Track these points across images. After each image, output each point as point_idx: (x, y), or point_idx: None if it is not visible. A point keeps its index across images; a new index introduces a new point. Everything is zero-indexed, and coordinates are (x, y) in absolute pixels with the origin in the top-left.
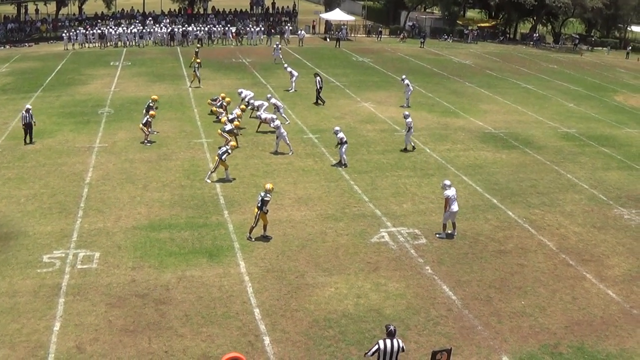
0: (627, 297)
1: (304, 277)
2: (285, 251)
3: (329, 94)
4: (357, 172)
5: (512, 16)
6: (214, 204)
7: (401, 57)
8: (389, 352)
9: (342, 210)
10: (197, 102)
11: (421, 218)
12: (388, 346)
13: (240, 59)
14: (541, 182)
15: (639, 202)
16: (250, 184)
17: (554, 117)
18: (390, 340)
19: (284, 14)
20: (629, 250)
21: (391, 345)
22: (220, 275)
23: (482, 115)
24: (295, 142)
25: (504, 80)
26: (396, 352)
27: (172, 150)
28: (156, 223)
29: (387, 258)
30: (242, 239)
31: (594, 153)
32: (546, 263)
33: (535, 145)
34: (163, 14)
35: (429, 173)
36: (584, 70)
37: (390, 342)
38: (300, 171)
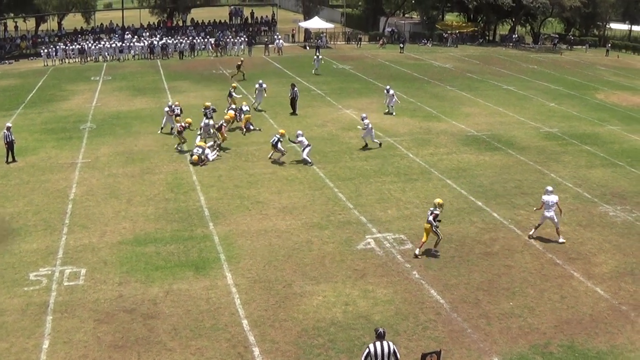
0: (615, 293)
1: (291, 286)
2: (271, 261)
3: (310, 102)
4: (341, 179)
5: (491, 18)
6: (198, 216)
7: (381, 63)
8: (379, 355)
9: (327, 218)
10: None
11: (406, 223)
12: (378, 349)
13: (220, 70)
14: (525, 182)
15: (623, 199)
16: (234, 195)
17: (535, 117)
18: (380, 342)
19: (263, 23)
20: (615, 247)
21: (381, 347)
22: (207, 287)
23: (464, 118)
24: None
25: (484, 83)
26: (387, 354)
27: (155, 164)
28: (141, 237)
29: (373, 264)
30: (228, 250)
31: (577, 151)
32: (533, 263)
33: (518, 146)
34: (142, 28)
35: (413, 178)
36: (564, 69)
37: (380, 345)
38: (284, 180)
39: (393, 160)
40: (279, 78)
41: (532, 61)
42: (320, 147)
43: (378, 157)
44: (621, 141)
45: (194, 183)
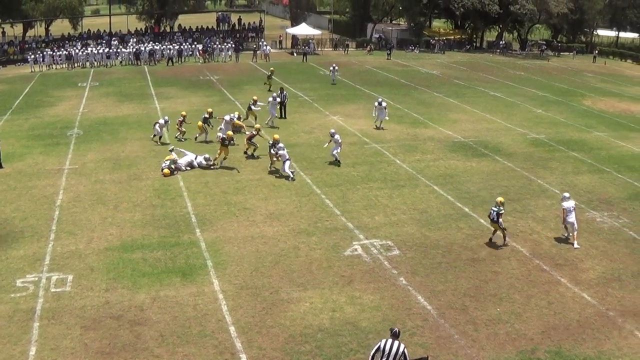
0: (602, 299)
1: (278, 293)
2: (258, 267)
3: (297, 109)
4: (328, 186)
5: (478, 25)
6: (185, 222)
7: (369, 70)
8: (387, 353)
9: (314, 225)
10: None
11: (393, 229)
12: (388, 346)
13: (207, 76)
14: (512, 188)
15: (610, 205)
16: (221, 201)
17: (522, 124)
18: (392, 341)
19: (250, 30)
20: (602, 253)
21: (391, 346)
22: (194, 294)
23: (451, 125)
24: (265, 157)
25: (471, 89)
26: (395, 353)
27: (142, 170)
28: (128, 244)
29: (361, 271)
30: (215, 256)
31: (563, 158)
32: (520, 269)
33: (505, 153)
34: (130, 34)
35: (400, 184)
36: (551, 75)
37: (391, 343)
38: (271, 187)
39: (380, 166)
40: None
41: (519, 68)
42: (307, 154)
43: (365, 164)
44: (608, 147)
45: (181, 189)
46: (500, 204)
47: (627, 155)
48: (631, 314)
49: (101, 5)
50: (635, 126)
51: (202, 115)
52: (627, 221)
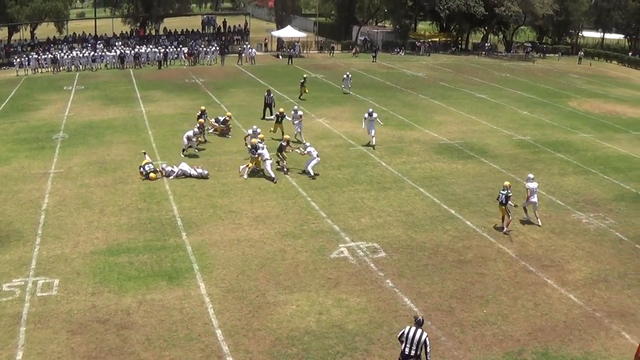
0: (589, 300)
1: (264, 296)
2: (245, 270)
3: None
4: (314, 189)
5: (464, 27)
6: (171, 226)
7: (354, 72)
8: (410, 339)
9: (300, 227)
10: (151, 124)
11: (380, 232)
12: (411, 333)
13: (193, 79)
14: (498, 190)
15: (596, 206)
16: (207, 204)
17: (508, 126)
18: (415, 329)
19: (236, 32)
20: (588, 254)
21: (414, 333)
22: (180, 297)
23: (437, 127)
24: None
25: (457, 91)
26: (418, 341)
27: (128, 174)
28: (114, 247)
29: (347, 273)
30: (201, 260)
31: (549, 159)
32: (506, 271)
33: (491, 154)
34: (115, 37)
35: (386, 187)
36: (536, 77)
37: (414, 331)
38: (257, 189)
39: (366, 169)
40: (252, 87)
41: (504, 69)
42: (292, 157)
43: (351, 166)
44: (594, 149)
45: (167, 192)
46: (507, 188)
47: (613, 156)
48: (618, 315)
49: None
50: (620, 127)
51: (217, 118)
52: (613, 222)
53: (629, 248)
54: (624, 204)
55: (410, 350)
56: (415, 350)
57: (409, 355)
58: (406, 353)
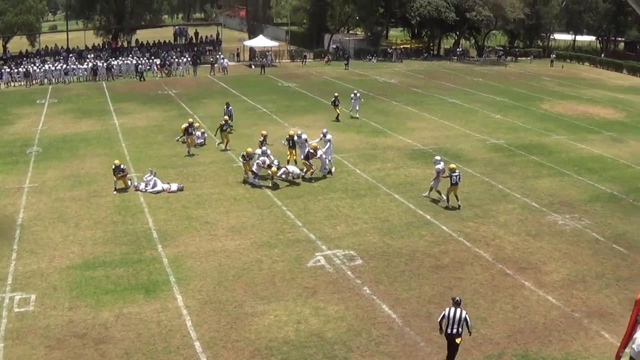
0: (567, 301)
1: (242, 306)
2: (222, 282)
3: (256, 121)
4: (289, 197)
5: (435, 32)
6: (147, 238)
7: (327, 80)
8: (452, 318)
9: (276, 237)
10: (125, 136)
11: (356, 239)
12: (452, 313)
13: (166, 91)
14: (473, 194)
15: (572, 207)
16: (182, 216)
17: (481, 130)
18: (455, 309)
19: (208, 43)
20: (565, 255)
21: (454, 312)
22: (158, 310)
23: (410, 133)
24: (225, 171)
25: (430, 97)
26: (459, 319)
27: (103, 187)
28: (90, 261)
29: (324, 281)
30: (177, 272)
31: (524, 162)
32: (483, 274)
33: (465, 159)
34: (87, 49)
35: (361, 194)
36: (509, 81)
37: (454, 311)
38: (232, 200)
39: (340, 176)
40: (225, 98)
41: (477, 74)
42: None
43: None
44: (568, 150)
45: (142, 205)
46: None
47: (587, 157)
48: (596, 315)
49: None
50: (594, 128)
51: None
52: (589, 222)
53: (606, 248)
54: (600, 204)
55: (452, 329)
56: (457, 328)
57: (451, 334)
58: (449, 332)
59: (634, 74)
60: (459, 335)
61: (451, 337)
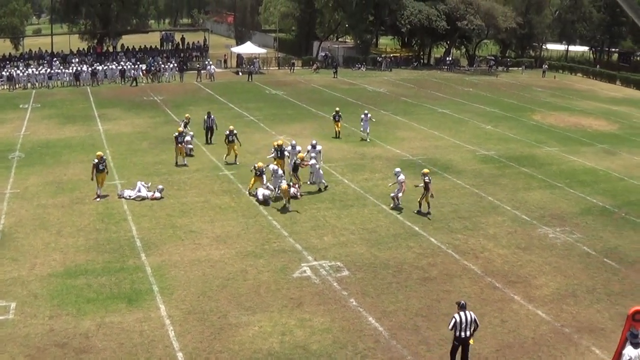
0: (557, 316)
1: (226, 317)
2: (206, 292)
3: (242, 129)
4: (275, 207)
5: (425, 41)
6: (130, 246)
7: (315, 89)
8: (465, 322)
9: (261, 247)
10: (109, 143)
11: (342, 250)
12: (463, 318)
13: (151, 97)
14: (462, 206)
15: (563, 220)
16: (166, 224)
17: (471, 141)
18: (464, 312)
19: (194, 49)
20: (555, 269)
21: (465, 316)
22: (140, 320)
23: (399, 143)
24: (210, 179)
25: (419, 107)
26: (470, 321)
27: (86, 194)
28: (72, 269)
29: (310, 293)
30: (161, 281)
31: (514, 174)
32: (472, 287)
33: (454, 170)
34: (72, 54)
35: (348, 204)
36: (500, 91)
37: (465, 314)
38: (217, 209)
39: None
40: (211, 104)
41: (467, 84)
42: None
43: (313, 184)
44: (559, 162)
45: (125, 213)
46: (426, 174)
47: (579, 169)
48: (587, 330)
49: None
50: (586, 140)
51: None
52: (580, 236)
53: (597, 262)
54: (591, 217)
55: (466, 332)
56: (470, 330)
57: (466, 337)
58: (463, 337)
59: (627, 85)
60: (472, 335)
61: (466, 339)
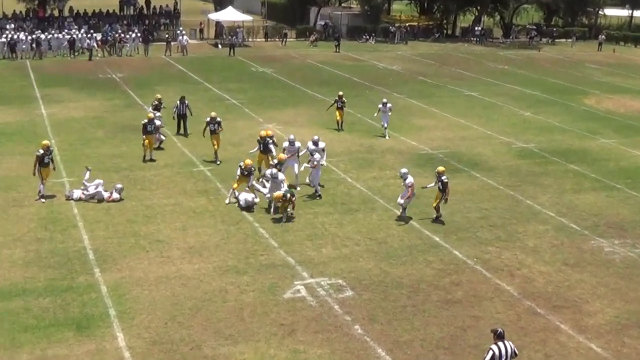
0: (617, 351)
1: (200, 348)
2: (175, 316)
3: (223, 115)
4: (263, 212)
5: (450, 7)
6: (80, 260)
7: (312, 65)
8: (505, 354)
9: (245, 261)
10: (55, 130)
11: (345, 265)
12: (502, 349)
13: (109, 74)
14: (494, 212)
15: (622, 231)
16: (127, 232)
17: (506, 131)
18: (502, 342)
19: (162, 15)
20: (613, 292)
21: (505, 347)
22: (92, 352)
23: (416, 133)
24: (183, 176)
25: (441, 88)
26: (511, 353)
27: (25, 194)
28: (6, 289)
29: (305, 318)
30: (119, 303)
31: (560, 172)
32: (507, 313)
33: (485, 167)
34: (6, 18)
35: (353, 208)
36: (543, 69)
37: (503, 345)
38: (191, 213)
39: (328, 186)
40: (184, 84)
41: (502, 60)
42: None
43: (309, 184)
44: (618, 158)
45: (75, 218)
46: (442, 173)
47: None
48: None
49: None
50: None
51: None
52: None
53: None
54: None
55: None
56: None
57: None
58: None
59: None
60: None
61: None
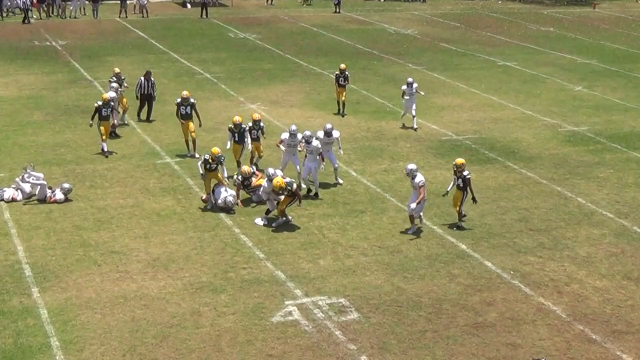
0: None
1: None
2: (135, 346)
3: (195, 93)
4: (245, 214)
5: None
6: (14, 278)
7: (306, 30)
8: None
9: (223, 276)
10: None
11: (349, 280)
12: None
13: (47, 41)
14: (536, 212)
15: None
16: (73, 241)
17: (551, 110)
18: None
19: None
20: None
21: None
22: None
23: (437, 114)
24: (144, 171)
25: (469, 57)
26: None
27: None
28: None
29: (298, 346)
30: (64, 331)
31: (620, 162)
32: (553, 340)
33: (524, 156)
34: None
35: (358, 209)
36: (599, 31)
37: None
38: (155, 217)
39: (327, 181)
40: (143, 54)
41: (546, 21)
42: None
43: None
44: None
45: (6, 224)
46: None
47: None
48: None
49: None
50: None
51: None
52: None
53: None
54: None
55: None
56: None
57: None
58: None
59: None
60: None
61: None
